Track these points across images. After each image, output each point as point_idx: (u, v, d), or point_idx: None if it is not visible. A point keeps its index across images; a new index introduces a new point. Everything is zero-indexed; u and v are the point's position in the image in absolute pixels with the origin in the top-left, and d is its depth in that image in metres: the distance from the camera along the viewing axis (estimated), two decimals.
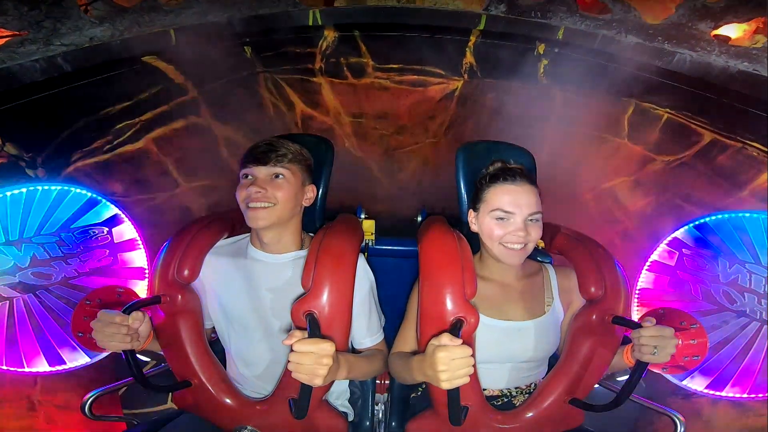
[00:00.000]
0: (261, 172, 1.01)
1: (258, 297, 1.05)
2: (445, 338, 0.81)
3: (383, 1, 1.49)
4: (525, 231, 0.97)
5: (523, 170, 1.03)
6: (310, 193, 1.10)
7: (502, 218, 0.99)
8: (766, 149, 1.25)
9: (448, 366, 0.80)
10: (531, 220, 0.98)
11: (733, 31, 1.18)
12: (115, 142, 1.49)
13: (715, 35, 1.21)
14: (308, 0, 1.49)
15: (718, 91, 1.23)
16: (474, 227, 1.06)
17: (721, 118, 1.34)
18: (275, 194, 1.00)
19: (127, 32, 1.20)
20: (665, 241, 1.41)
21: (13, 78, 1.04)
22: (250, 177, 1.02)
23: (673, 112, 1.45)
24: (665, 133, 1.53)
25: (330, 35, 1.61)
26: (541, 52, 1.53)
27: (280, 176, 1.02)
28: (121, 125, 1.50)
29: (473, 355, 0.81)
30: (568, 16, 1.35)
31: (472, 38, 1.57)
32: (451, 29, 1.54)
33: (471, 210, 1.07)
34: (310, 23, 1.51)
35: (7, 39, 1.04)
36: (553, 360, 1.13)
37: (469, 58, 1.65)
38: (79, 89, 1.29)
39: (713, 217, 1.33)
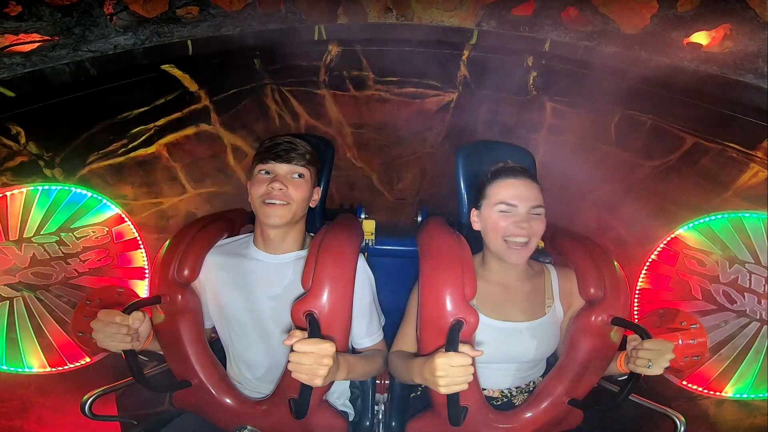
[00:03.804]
0: (282, 169, 1.01)
1: (257, 297, 1.06)
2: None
3: (383, 18, 1.60)
4: (528, 223, 0.99)
5: (524, 168, 1.06)
6: (316, 195, 1.12)
7: (505, 211, 1.01)
8: (744, 150, 1.31)
9: (446, 372, 0.80)
10: (534, 213, 1.00)
11: (704, 38, 1.27)
12: (129, 146, 1.55)
13: (687, 42, 1.31)
14: (314, 16, 1.61)
15: (692, 95, 1.31)
16: (477, 226, 1.08)
17: (699, 122, 1.40)
18: (294, 194, 1.01)
19: (148, 41, 1.29)
20: (665, 241, 1.42)
21: (44, 80, 1.12)
22: (269, 173, 1.02)
23: (655, 118, 1.53)
24: (650, 138, 1.58)
25: (333, 49, 1.71)
26: (530, 64, 1.63)
27: (300, 176, 1.03)
28: (136, 130, 1.57)
29: (473, 363, 0.82)
30: (553, 29, 1.45)
31: (466, 52, 1.67)
32: (446, 44, 1.64)
33: (473, 209, 1.09)
34: (315, 38, 1.61)
35: (40, 43, 1.13)
36: (551, 358, 1.13)
37: (463, 71, 1.74)
38: (102, 93, 1.36)
39: (713, 218, 1.34)
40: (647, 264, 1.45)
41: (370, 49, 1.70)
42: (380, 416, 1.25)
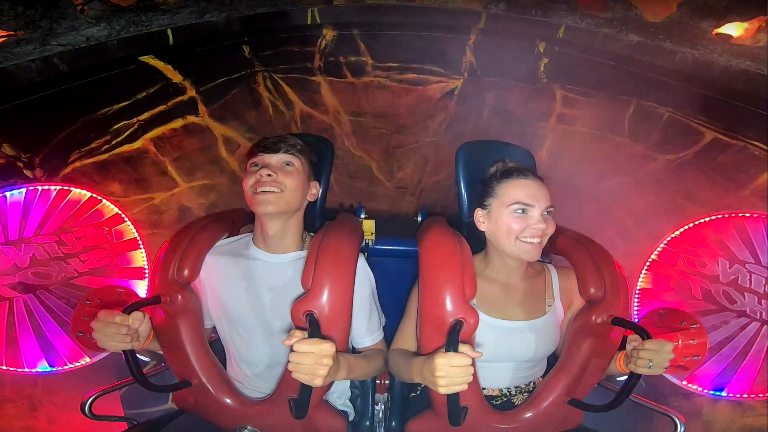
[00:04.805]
0: (272, 159, 1.02)
1: (258, 297, 1.05)
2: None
3: (382, 0, 1.49)
4: (544, 224, 0.97)
5: (532, 169, 1.05)
6: (314, 189, 1.11)
7: (521, 211, 0.99)
8: (767, 148, 1.24)
9: (446, 373, 0.80)
10: (547, 213, 1.00)
11: (735, 29, 1.17)
12: (113, 142, 1.48)
13: (716, 34, 1.20)
14: None
15: (720, 90, 1.22)
16: (482, 226, 1.05)
17: (722, 117, 1.33)
18: (285, 180, 1.01)
19: (124, 32, 1.19)
20: (665, 241, 1.41)
21: (10, 78, 1.03)
22: (259, 165, 1.03)
23: (674, 111, 1.44)
24: (666, 131, 1.51)
25: (329, 34, 1.60)
26: (542, 51, 1.52)
27: (291, 164, 1.04)
28: (119, 125, 1.49)
29: (473, 364, 0.81)
30: (568, 15, 1.34)
31: (472, 36, 1.56)
32: (451, 27, 1.53)
33: (478, 209, 1.06)
34: (309, 22, 1.50)
35: (3, 39, 1.03)
36: (551, 358, 1.14)
37: (469, 56, 1.64)
38: (77, 89, 1.28)
39: (714, 218, 1.32)
40: (647, 264, 1.44)
41: (368, 33, 1.60)
42: (380, 416, 1.28)
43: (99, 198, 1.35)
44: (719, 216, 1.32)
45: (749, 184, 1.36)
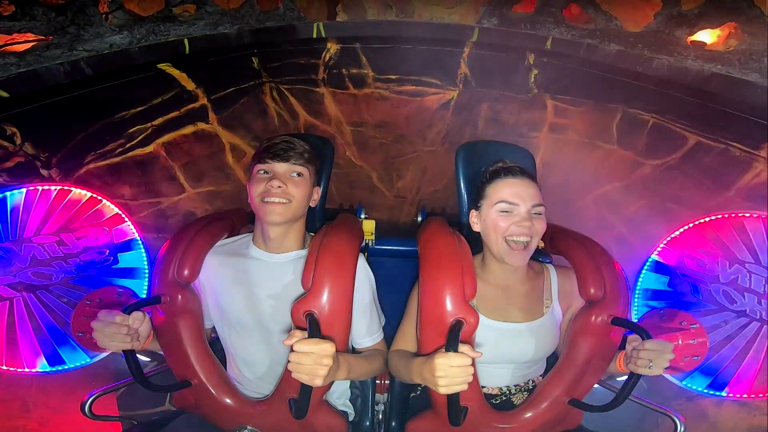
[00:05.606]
0: (281, 168, 1.02)
1: (258, 297, 1.06)
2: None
3: (383, 16, 1.59)
4: (530, 221, 0.98)
5: (522, 167, 1.06)
6: (316, 195, 1.13)
7: (506, 210, 1.00)
8: (748, 150, 1.30)
9: (446, 373, 0.81)
10: (535, 213, 1.00)
11: (708, 36, 1.26)
12: (127, 146, 1.54)
13: (691, 41, 1.29)
14: (312, 14, 1.59)
15: (696, 94, 1.29)
16: (476, 227, 1.07)
17: (702, 121, 1.39)
18: (294, 191, 1.01)
19: (144, 40, 1.28)
20: (665, 241, 1.42)
21: (39, 80, 1.10)
22: (268, 172, 1.03)
23: (658, 117, 1.51)
24: (652, 137, 1.57)
25: (332, 47, 1.69)
26: (532, 62, 1.62)
27: (300, 174, 1.04)
28: (133, 129, 1.56)
29: (473, 364, 0.82)
30: (555, 27, 1.43)
31: (466, 50, 1.65)
32: (446, 41, 1.63)
33: (473, 210, 1.08)
34: (314, 36, 1.59)
35: (34, 43, 1.12)
36: (551, 358, 1.13)
37: (463, 68, 1.73)
38: (98, 93, 1.35)
39: (713, 218, 1.33)
40: (647, 264, 1.45)
41: (369, 47, 1.69)
42: (380, 416, 1.25)
43: (99, 198, 1.36)
44: (719, 216, 1.32)
45: (733, 184, 1.40)
